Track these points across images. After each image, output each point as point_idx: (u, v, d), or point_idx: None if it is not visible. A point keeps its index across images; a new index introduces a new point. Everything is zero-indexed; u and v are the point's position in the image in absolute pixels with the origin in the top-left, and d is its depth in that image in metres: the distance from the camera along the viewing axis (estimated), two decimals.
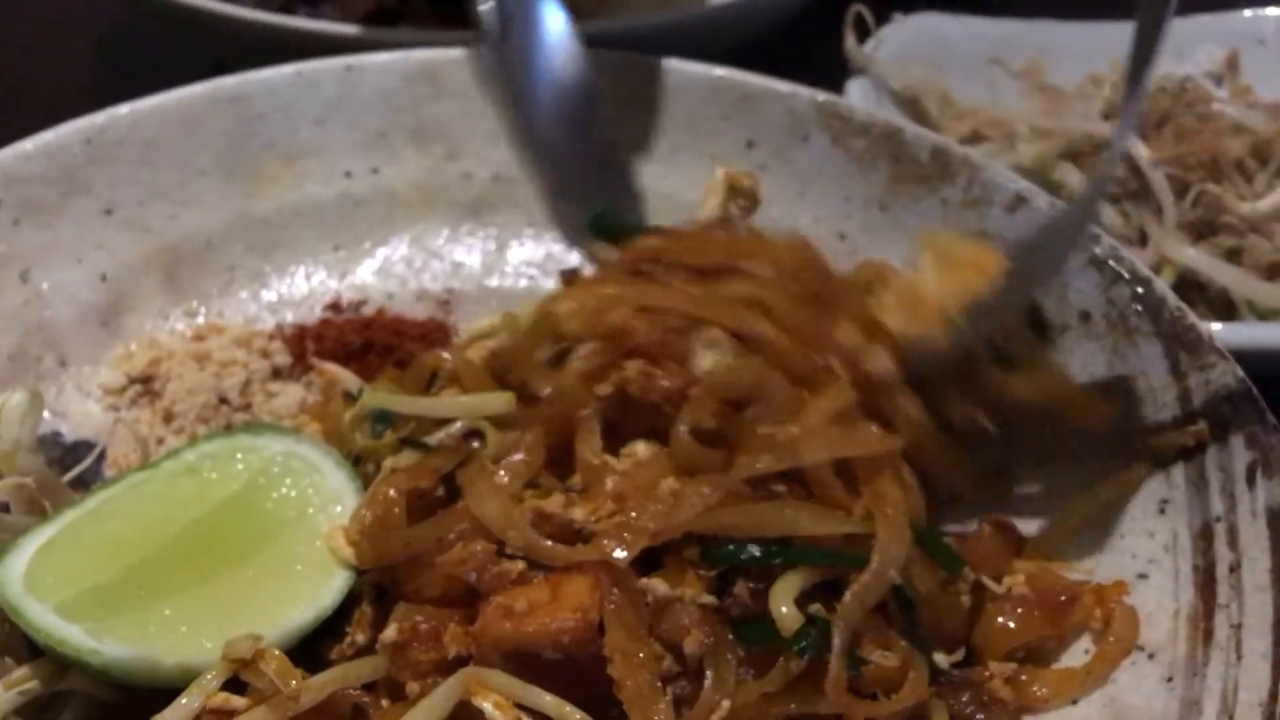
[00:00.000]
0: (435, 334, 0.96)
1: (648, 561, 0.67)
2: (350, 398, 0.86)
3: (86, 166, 0.94)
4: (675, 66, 1.02)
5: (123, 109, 0.95)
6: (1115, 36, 1.23)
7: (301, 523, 0.73)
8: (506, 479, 0.69)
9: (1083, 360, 0.84)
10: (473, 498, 0.68)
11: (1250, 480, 0.73)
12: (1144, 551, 0.76)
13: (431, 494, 0.72)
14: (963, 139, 1.14)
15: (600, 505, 0.66)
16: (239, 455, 0.76)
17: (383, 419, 0.78)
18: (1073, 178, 1.05)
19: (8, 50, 1.39)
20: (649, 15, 1.17)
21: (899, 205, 0.95)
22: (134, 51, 1.37)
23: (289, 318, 0.97)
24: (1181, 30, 1.22)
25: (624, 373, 0.72)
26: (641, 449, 0.71)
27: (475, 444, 0.73)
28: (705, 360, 0.75)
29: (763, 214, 1.00)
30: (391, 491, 0.69)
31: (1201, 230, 1.01)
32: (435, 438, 0.74)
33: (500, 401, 0.74)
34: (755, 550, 0.67)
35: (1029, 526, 0.80)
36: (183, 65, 1.29)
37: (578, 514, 0.66)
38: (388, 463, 0.74)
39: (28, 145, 0.91)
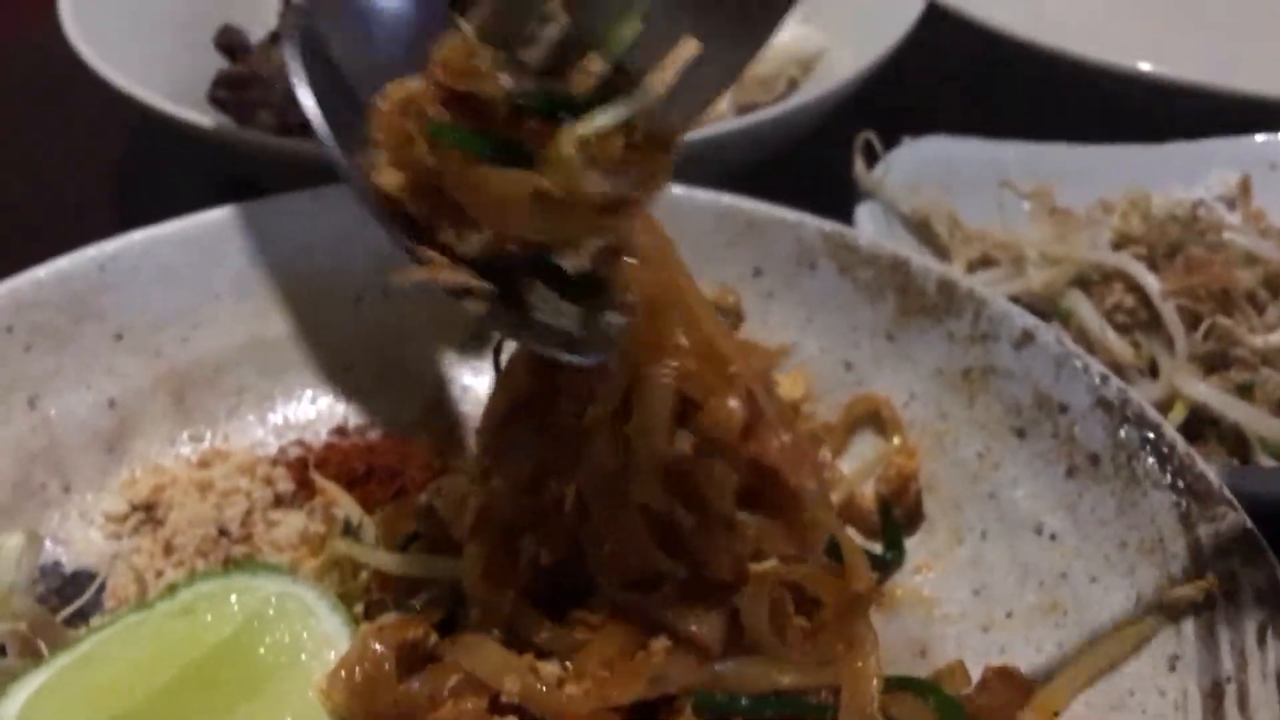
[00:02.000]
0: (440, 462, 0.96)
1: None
2: (349, 530, 0.86)
3: (99, 292, 0.95)
4: (681, 193, 1.03)
5: (137, 235, 0.97)
6: (1125, 160, 1.25)
7: (293, 670, 0.72)
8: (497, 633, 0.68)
9: (1091, 505, 0.82)
10: (464, 652, 0.68)
11: (1261, 640, 0.71)
12: (1154, 709, 0.74)
13: (421, 646, 0.72)
14: (972, 262, 1.14)
15: (592, 668, 0.66)
16: (234, 596, 0.76)
17: None
18: (1083, 306, 1.04)
19: (28, 171, 1.42)
20: None
21: (906, 336, 0.95)
22: (156, 169, 1.39)
23: (299, 444, 0.97)
24: (1193, 154, 1.24)
25: None
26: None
27: None
28: None
29: (768, 342, 1.00)
30: (379, 647, 0.69)
31: (1214, 363, 1.00)
32: (419, 598, 0.74)
33: (468, 565, 0.73)
34: (745, 702, 0.69)
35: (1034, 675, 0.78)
36: (204, 182, 1.33)
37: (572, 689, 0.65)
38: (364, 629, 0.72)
39: (41, 272, 0.93)
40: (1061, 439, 0.85)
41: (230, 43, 1.43)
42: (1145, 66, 1.39)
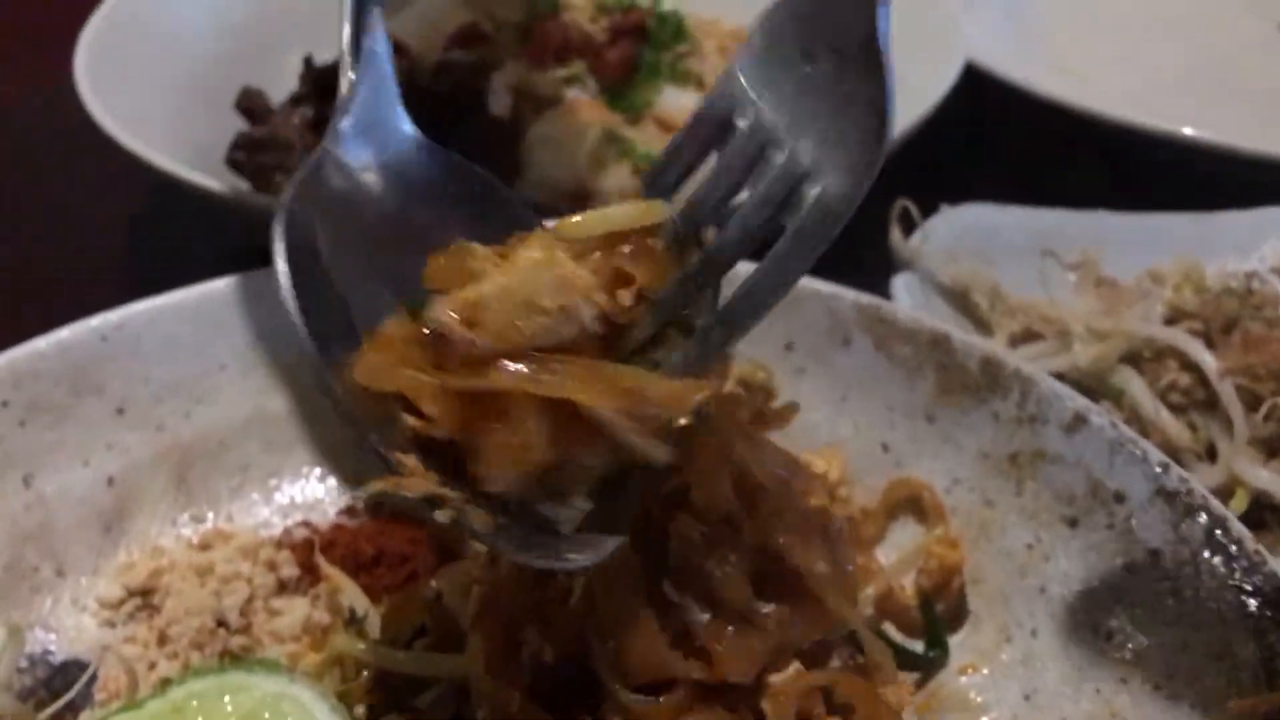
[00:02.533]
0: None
1: None
2: (353, 620, 0.81)
3: (101, 364, 0.91)
4: None
5: (141, 305, 0.93)
6: (1173, 229, 1.19)
7: None
8: None
9: (1151, 604, 0.76)
10: None
11: None
12: None
13: None
14: (1015, 336, 1.08)
15: None
16: (229, 696, 0.70)
17: None
18: (1135, 385, 0.99)
19: (40, 234, 1.38)
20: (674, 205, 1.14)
21: (946, 417, 0.90)
22: (170, 233, 1.36)
23: (304, 524, 0.93)
24: (1246, 223, 1.19)
25: None
26: None
27: None
28: None
29: (800, 421, 0.95)
30: None
31: (1275, 446, 0.94)
32: (425, 698, 0.68)
33: (471, 658, 0.68)
34: None
35: None
36: (219, 247, 1.30)
37: None
38: None
39: (41, 343, 0.89)
40: (1118, 531, 0.79)
41: (251, 105, 1.40)
42: (1189, 131, 1.34)
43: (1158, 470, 0.79)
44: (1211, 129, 1.30)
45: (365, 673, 0.74)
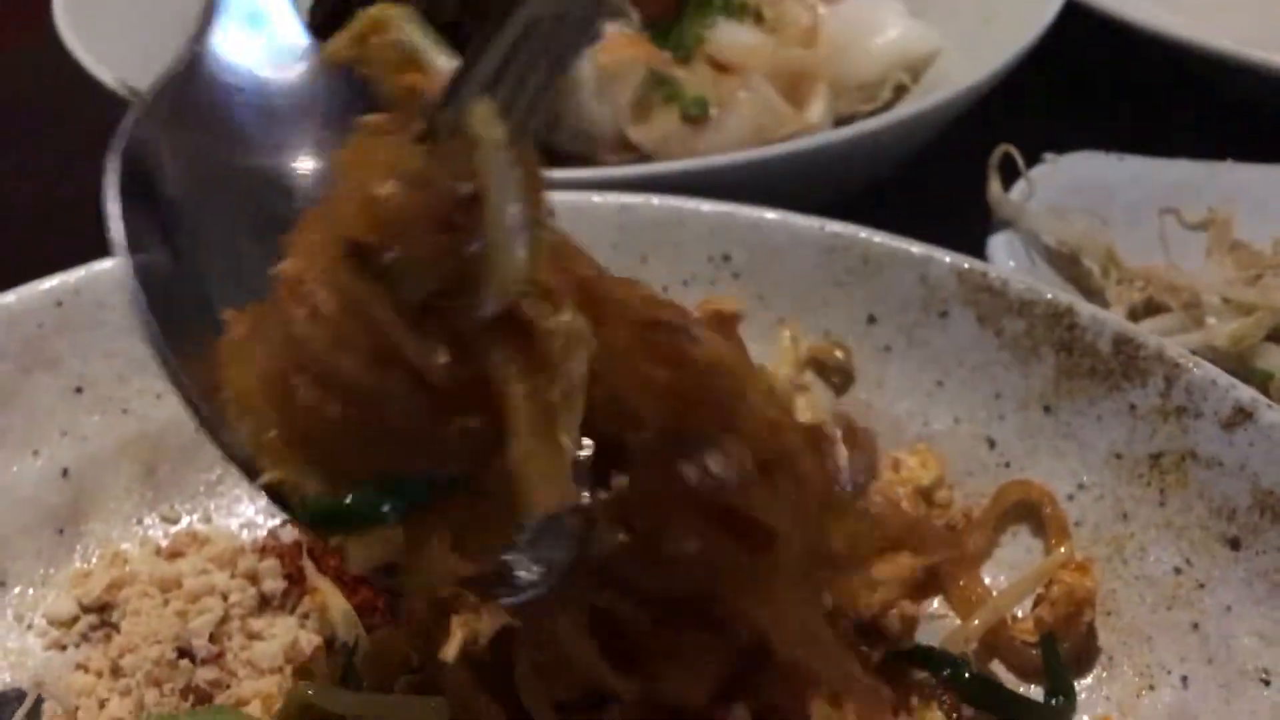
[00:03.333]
0: None
1: None
2: (341, 649, 0.67)
3: (55, 335, 0.77)
4: (777, 220, 0.83)
5: (105, 265, 0.79)
6: None
7: None
8: None
9: None
10: None
11: None
12: None
13: None
14: (1134, 308, 0.92)
15: None
16: None
17: None
18: None
19: (25, 185, 1.27)
20: (736, 155, 0.98)
21: (1069, 408, 0.73)
22: None
23: (291, 523, 0.78)
24: None
25: None
26: None
27: None
28: None
29: (887, 409, 0.80)
30: None
31: None
32: None
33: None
34: None
35: None
36: None
37: None
38: None
39: None
40: None
41: None
42: None
43: None
44: None
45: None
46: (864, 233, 0.81)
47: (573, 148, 1.16)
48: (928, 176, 1.08)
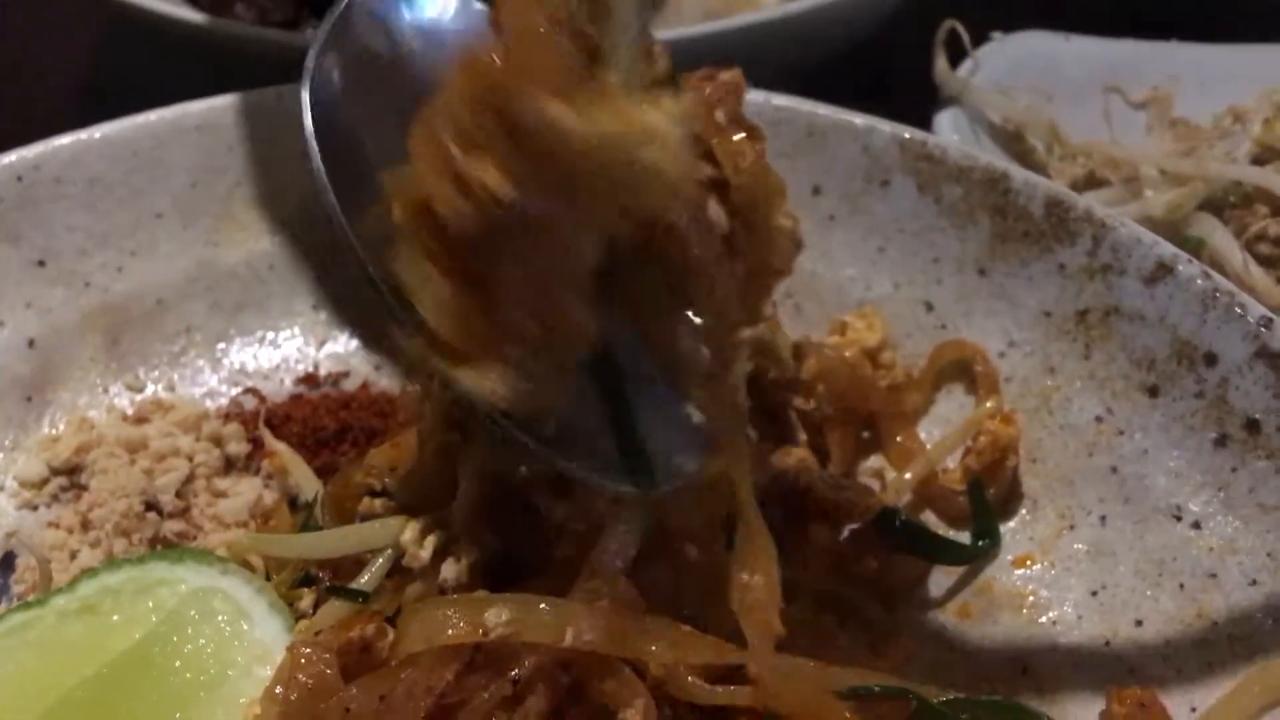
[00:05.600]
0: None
1: None
2: (296, 505, 0.70)
3: (17, 209, 0.78)
4: None
5: (63, 139, 0.80)
6: (1257, 62, 1.04)
7: (217, 689, 0.56)
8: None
9: (1248, 485, 0.64)
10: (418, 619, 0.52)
11: None
12: None
13: (372, 645, 0.55)
14: (1076, 182, 0.95)
15: None
16: (148, 591, 0.60)
17: None
18: (1218, 234, 0.85)
19: None
20: (692, 26, 0.99)
21: (1002, 270, 0.76)
22: (129, 73, 1.22)
23: (252, 393, 0.81)
24: None
25: None
26: None
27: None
28: None
29: (831, 276, 0.82)
30: (316, 657, 0.52)
31: None
32: (361, 580, 0.57)
33: (395, 529, 0.57)
34: None
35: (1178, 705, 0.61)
36: (181, 89, 1.16)
37: None
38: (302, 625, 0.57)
39: None
40: (1209, 399, 0.67)
41: None
42: None
43: (1258, 327, 0.65)
44: None
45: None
46: (808, 106, 0.83)
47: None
48: (878, 54, 1.09)
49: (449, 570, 0.56)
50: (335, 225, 0.61)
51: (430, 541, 0.57)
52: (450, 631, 0.51)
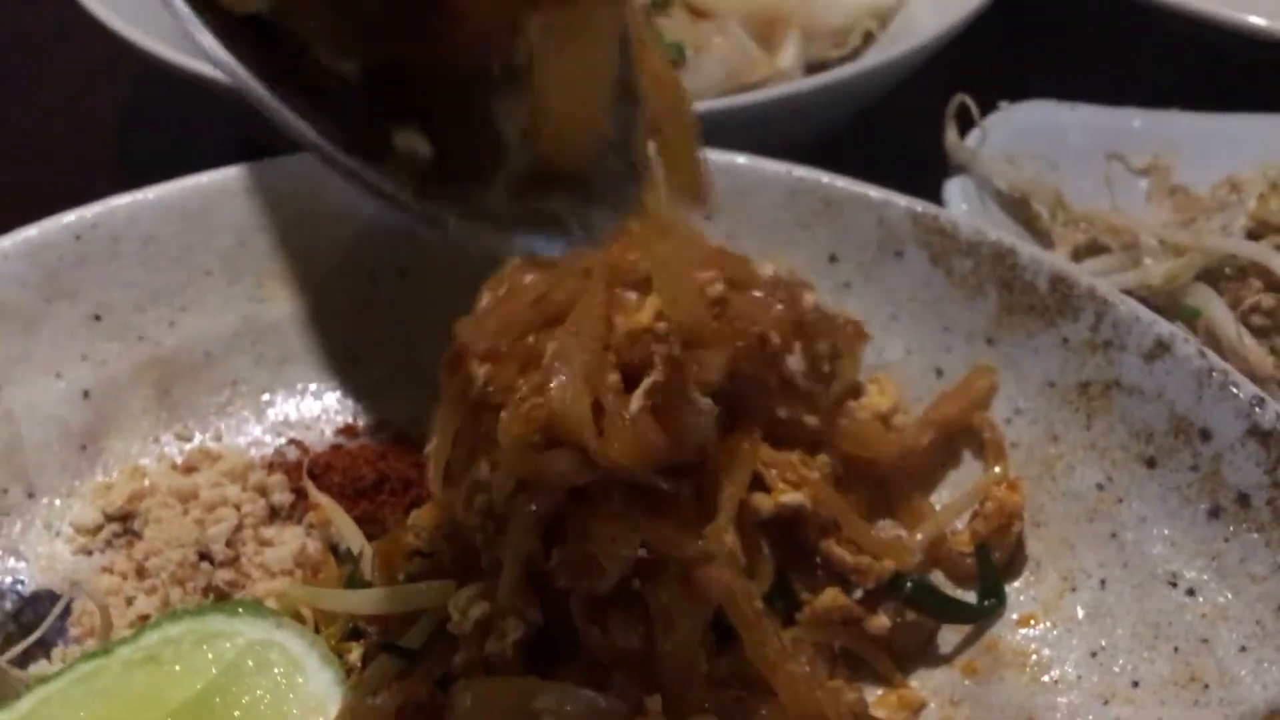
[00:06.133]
0: None
1: None
2: (343, 557, 0.74)
3: (75, 267, 0.82)
4: (746, 163, 0.89)
5: (120, 200, 0.84)
6: (1254, 132, 1.08)
7: None
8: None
9: (1240, 555, 0.68)
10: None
11: None
12: None
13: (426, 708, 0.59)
14: (1078, 249, 0.99)
15: None
16: (207, 643, 0.64)
17: None
18: (1214, 304, 0.89)
19: (20, 129, 1.28)
20: (711, 101, 1.03)
21: (1009, 341, 0.81)
22: (161, 127, 1.26)
23: (295, 443, 0.85)
24: None
25: None
26: None
27: None
28: None
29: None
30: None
31: None
32: (412, 637, 0.62)
33: (441, 594, 0.61)
34: None
35: None
36: (214, 143, 1.20)
37: None
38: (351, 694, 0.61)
39: (7, 244, 0.80)
40: (1203, 473, 0.71)
41: None
42: (1259, 21, 1.22)
43: (1250, 406, 0.70)
44: None
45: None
46: (826, 178, 0.87)
47: None
48: (890, 119, 1.14)
49: (493, 645, 0.60)
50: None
51: (474, 612, 0.61)
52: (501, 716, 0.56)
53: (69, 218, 0.83)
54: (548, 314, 0.69)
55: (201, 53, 0.50)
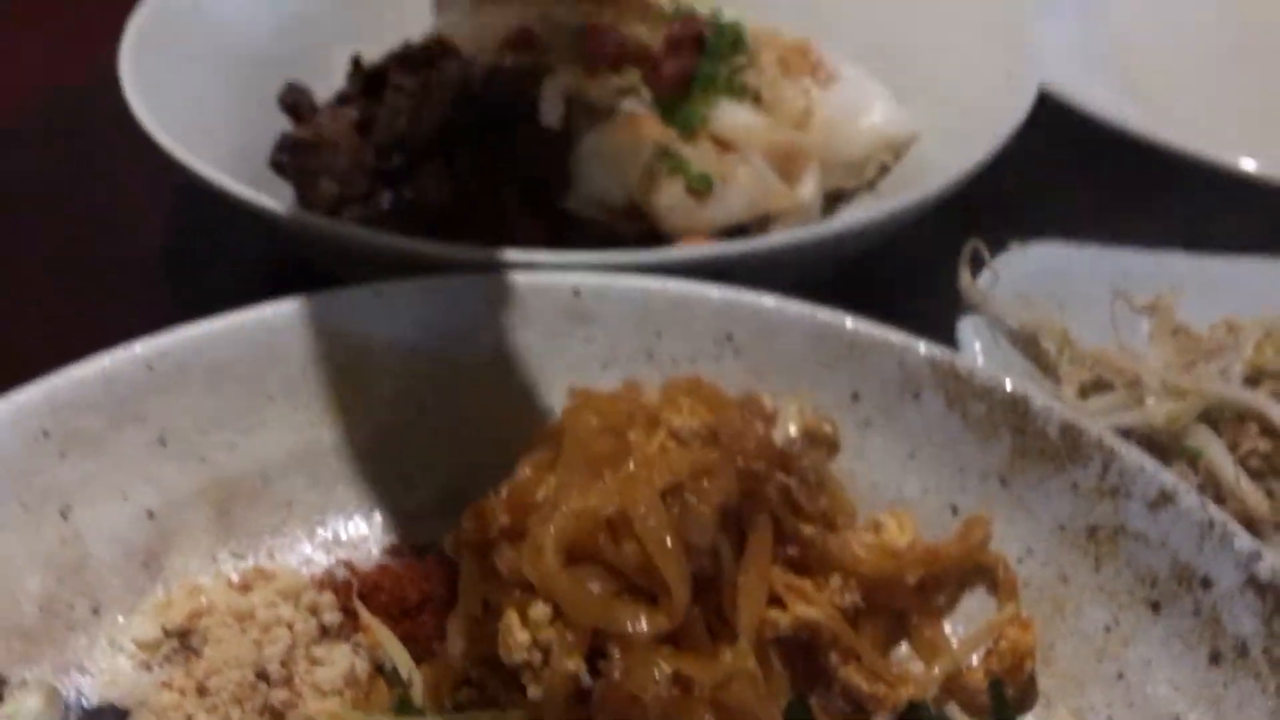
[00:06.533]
0: None
1: None
2: (392, 678, 0.78)
3: (145, 393, 0.88)
4: (774, 307, 0.94)
5: (190, 331, 0.90)
6: (1250, 275, 1.15)
7: None
8: None
9: (1237, 701, 0.73)
10: None
11: None
12: None
13: None
14: (1084, 386, 1.04)
15: None
16: None
17: None
18: (1214, 447, 0.95)
19: (68, 237, 1.33)
20: (730, 245, 1.10)
21: (1021, 483, 0.86)
22: (211, 235, 1.31)
23: (344, 564, 0.89)
24: None
25: None
26: None
27: None
28: None
29: (867, 475, 0.92)
30: None
31: None
32: None
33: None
34: None
35: None
36: (260, 254, 1.26)
37: None
38: None
39: (84, 371, 0.86)
40: (1204, 619, 0.76)
41: (295, 102, 1.37)
42: (1250, 165, 1.29)
43: (1249, 558, 0.75)
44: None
45: None
46: (850, 321, 0.93)
47: (587, 213, 1.27)
48: (906, 253, 1.20)
49: None
50: None
51: None
52: None
53: (139, 347, 0.88)
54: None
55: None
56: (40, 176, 1.42)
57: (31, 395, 0.83)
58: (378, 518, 0.93)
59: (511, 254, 0.99)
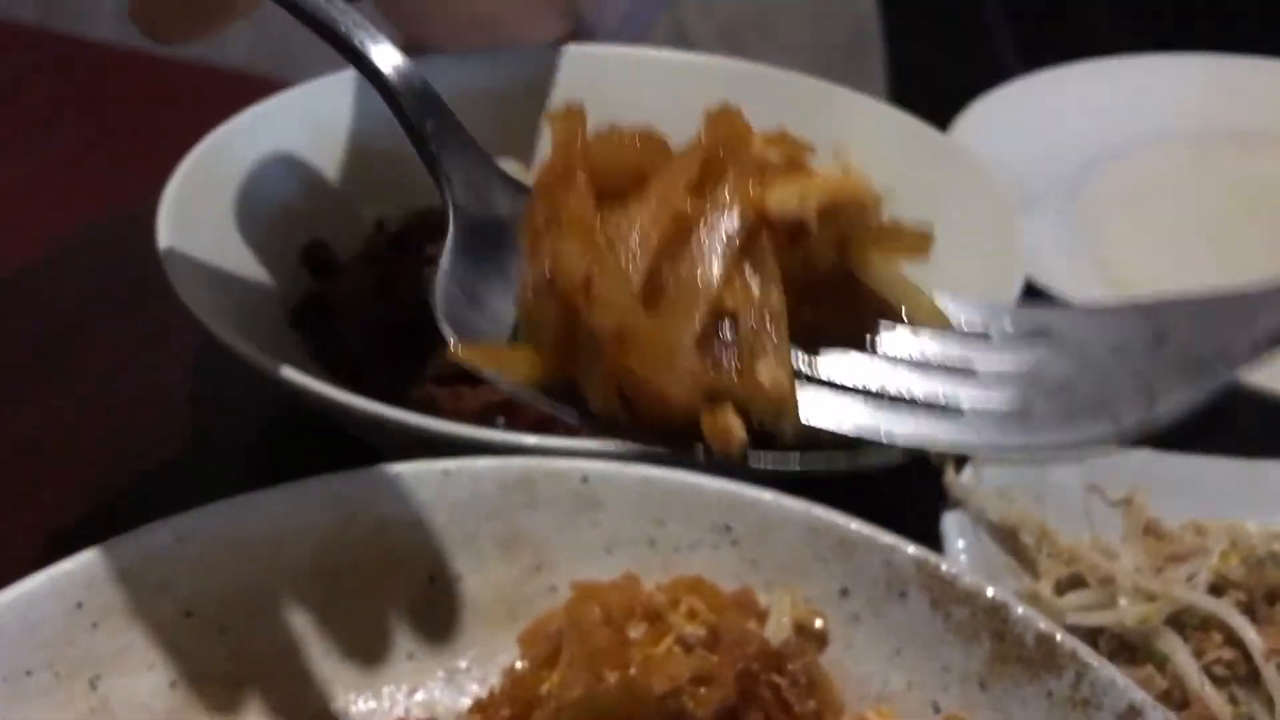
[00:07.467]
0: None
1: None
2: None
3: (173, 565, 0.93)
4: (771, 500, 1.00)
5: (219, 506, 0.95)
6: (1218, 476, 1.21)
7: None
8: None
9: None
10: None
11: None
12: None
13: None
14: (1061, 582, 1.10)
15: None
16: None
17: None
18: (1181, 654, 1.00)
19: (94, 383, 1.37)
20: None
21: (1000, 687, 0.91)
22: (227, 376, 1.35)
23: None
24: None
25: None
26: None
27: None
28: None
29: (854, 668, 0.97)
30: None
31: None
32: None
33: None
34: None
35: None
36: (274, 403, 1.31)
37: None
38: None
39: (119, 544, 0.91)
40: None
41: (317, 260, 1.44)
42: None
43: None
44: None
45: None
46: (842, 520, 0.99)
47: None
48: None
49: None
50: None
51: None
52: None
53: (172, 521, 0.93)
54: None
55: None
56: (66, 318, 1.47)
57: (68, 569, 0.88)
58: (384, 690, 0.97)
59: (529, 439, 1.04)
